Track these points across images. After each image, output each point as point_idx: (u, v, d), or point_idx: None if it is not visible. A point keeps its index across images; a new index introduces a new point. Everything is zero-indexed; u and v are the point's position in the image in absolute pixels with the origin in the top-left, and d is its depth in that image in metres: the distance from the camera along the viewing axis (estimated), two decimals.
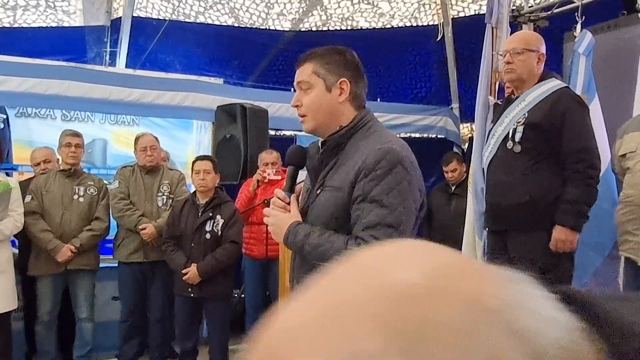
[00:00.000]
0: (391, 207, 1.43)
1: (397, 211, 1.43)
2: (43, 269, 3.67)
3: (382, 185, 1.44)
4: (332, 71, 1.56)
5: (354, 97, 1.58)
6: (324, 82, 1.56)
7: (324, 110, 1.57)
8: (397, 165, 1.45)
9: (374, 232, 1.42)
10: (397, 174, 1.45)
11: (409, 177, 1.47)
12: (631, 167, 2.96)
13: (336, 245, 1.45)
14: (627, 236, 2.96)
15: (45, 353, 3.71)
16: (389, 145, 1.49)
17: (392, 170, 1.45)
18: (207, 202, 3.57)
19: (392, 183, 1.44)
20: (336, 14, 6.57)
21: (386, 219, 1.43)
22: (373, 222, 1.43)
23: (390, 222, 1.43)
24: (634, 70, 3.69)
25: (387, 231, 1.42)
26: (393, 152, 1.47)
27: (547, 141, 2.71)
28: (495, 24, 3.68)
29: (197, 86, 5.25)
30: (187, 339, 3.64)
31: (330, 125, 1.58)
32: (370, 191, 1.45)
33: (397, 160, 1.46)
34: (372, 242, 1.39)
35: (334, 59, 1.58)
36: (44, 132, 4.80)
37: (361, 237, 1.44)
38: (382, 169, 1.45)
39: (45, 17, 5.76)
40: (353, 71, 1.58)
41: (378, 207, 1.44)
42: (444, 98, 6.86)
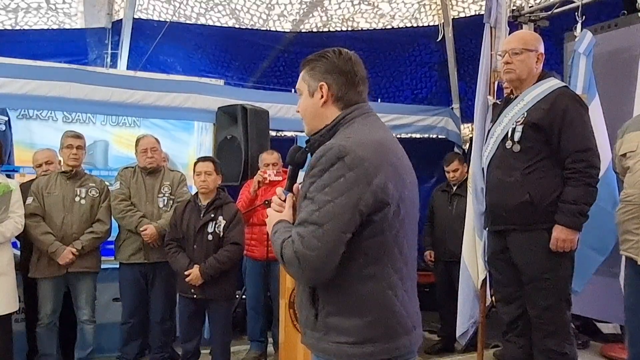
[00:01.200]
0: (320, 203, 1.41)
1: (324, 209, 1.40)
2: (44, 271, 3.67)
3: (318, 182, 1.43)
4: (314, 76, 1.60)
5: (337, 99, 1.59)
6: (308, 88, 1.62)
7: (310, 114, 1.63)
8: (336, 162, 1.42)
9: (300, 229, 1.43)
10: (335, 171, 1.42)
11: (351, 173, 1.41)
12: (631, 166, 2.96)
13: (277, 242, 1.49)
14: (627, 235, 2.95)
15: (47, 355, 3.71)
16: (337, 142, 1.47)
17: (330, 167, 1.42)
18: (209, 203, 3.58)
19: (327, 180, 1.42)
20: (337, 15, 6.58)
21: (311, 216, 1.41)
22: (302, 219, 1.44)
23: (314, 220, 1.40)
24: (634, 69, 3.69)
25: (310, 229, 1.41)
26: (336, 148, 1.44)
27: (547, 141, 2.71)
28: (493, 23, 3.68)
29: (198, 87, 5.26)
30: (189, 340, 3.65)
31: (318, 127, 1.62)
32: (308, 188, 1.46)
33: (337, 157, 1.42)
34: (295, 239, 1.42)
35: (318, 64, 1.61)
36: (46, 134, 4.82)
37: (291, 235, 1.45)
38: (321, 165, 1.44)
39: (46, 20, 5.79)
40: (335, 74, 1.59)
41: (310, 204, 1.43)
42: (444, 98, 6.86)
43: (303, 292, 1.57)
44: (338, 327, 1.48)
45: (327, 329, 1.50)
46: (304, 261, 1.41)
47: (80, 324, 3.79)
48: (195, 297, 3.52)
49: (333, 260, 1.42)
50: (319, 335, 1.52)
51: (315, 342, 1.54)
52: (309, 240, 1.40)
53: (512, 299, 2.93)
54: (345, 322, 1.47)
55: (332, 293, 1.49)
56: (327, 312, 1.50)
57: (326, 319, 1.50)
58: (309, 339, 1.57)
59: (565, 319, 2.75)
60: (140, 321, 3.92)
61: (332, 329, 1.49)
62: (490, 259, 3.07)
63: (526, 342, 2.90)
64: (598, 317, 4.49)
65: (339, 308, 1.48)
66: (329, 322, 1.49)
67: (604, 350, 4.24)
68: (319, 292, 1.51)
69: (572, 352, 2.76)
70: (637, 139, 2.96)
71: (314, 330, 1.53)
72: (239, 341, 4.82)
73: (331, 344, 1.49)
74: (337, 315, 1.48)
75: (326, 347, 1.50)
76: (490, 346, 4.40)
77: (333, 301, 1.49)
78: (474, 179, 3.47)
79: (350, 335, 1.47)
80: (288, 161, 1.68)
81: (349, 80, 1.60)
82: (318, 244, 1.40)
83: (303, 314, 1.58)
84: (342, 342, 1.47)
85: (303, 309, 1.58)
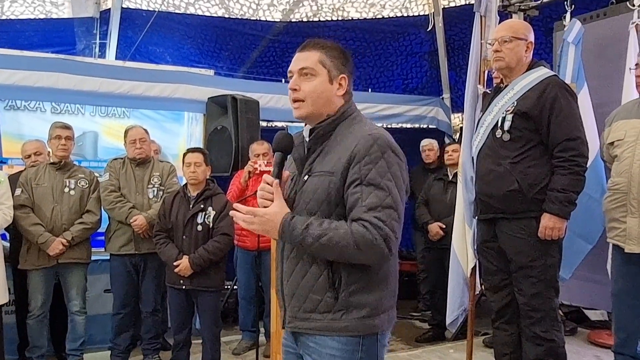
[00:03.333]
0: (388, 189, 1.51)
1: (393, 193, 1.51)
2: (34, 262, 3.65)
3: (377, 169, 1.51)
4: (336, 65, 1.66)
5: (346, 93, 1.69)
6: (328, 74, 1.65)
7: (323, 99, 1.65)
8: (387, 150, 1.54)
9: (377, 213, 1.49)
10: (389, 158, 1.53)
11: (399, 160, 1.56)
12: (619, 154, 2.98)
13: (341, 231, 1.49)
14: (614, 223, 2.98)
15: (38, 347, 3.69)
16: (378, 132, 1.59)
17: (384, 154, 1.53)
18: (198, 194, 3.57)
19: (385, 167, 1.52)
20: (327, 4, 6.55)
21: (385, 200, 1.50)
22: (374, 204, 1.49)
23: (389, 204, 1.50)
24: (622, 58, 3.71)
25: (388, 212, 1.49)
26: (383, 138, 1.56)
27: (536, 129, 2.72)
28: (484, 12, 3.67)
29: (188, 78, 5.23)
30: (180, 330, 3.65)
31: (322, 114, 1.66)
32: (367, 174, 1.52)
33: (387, 146, 1.55)
34: (376, 223, 1.48)
35: (338, 54, 1.68)
36: (34, 125, 4.77)
37: (365, 219, 1.49)
38: (375, 153, 1.52)
39: (33, 9, 5.72)
40: (350, 69, 1.70)
41: (376, 189, 1.50)
42: (435, 88, 6.87)
43: (317, 277, 1.57)
44: (360, 303, 1.56)
45: (348, 307, 1.56)
46: (391, 243, 1.50)
47: (71, 316, 3.78)
48: (184, 288, 3.52)
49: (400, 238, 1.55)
50: (335, 315, 1.56)
51: (330, 324, 1.57)
52: (391, 223, 1.49)
53: (501, 286, 2.96)
54: (368, 297, 1.57)
55: (358, 271, 1.56)
56: (351, 292, 1.56)
57: (350, 298, 1.56)
58: (315, 323, 1.58)
59: (553, 306, 2.78)
60: (131, 312, 3.91)
61: (353, 306, 1.56)
62: (480, 247, 3.09)
63: (515, 329, 2.94)
64: (585, 304, 4.56)
65: (364, 285, 1.57)
66: (351, 300, 1.56)
67: (591, 336, 4.30)
68: (342, 272, 1.56)
69: (559, 339, 2.79)
70: (625, 128, 2.99)
71: (329, 312, 1.56)
72: (231, 331, 4.84)
73: (352, 320, 1.56)
74: (360, 292, 1.56)
75: (345, 325, 1.56)
76: (479, 334, 4.45)
77: (358, 279, 1.56)
78: (464, 168, 3.49)
79: (372, 309, 1.57)
80: (275, 148, 1.68)
81: (353, 79, 1.75)
82: (397, 225, 1.51)
83: (312, 298, 1.58)
84: (361, 317, 1.56)
85: (314, 294, 1.58)
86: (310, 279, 1.59)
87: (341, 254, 1.51)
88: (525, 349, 2.85)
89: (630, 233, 2.87)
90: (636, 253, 2.87)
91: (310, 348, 1.62)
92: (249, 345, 4.37)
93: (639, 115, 2.96)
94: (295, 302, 1.63)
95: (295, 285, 1.62)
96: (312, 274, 1.59)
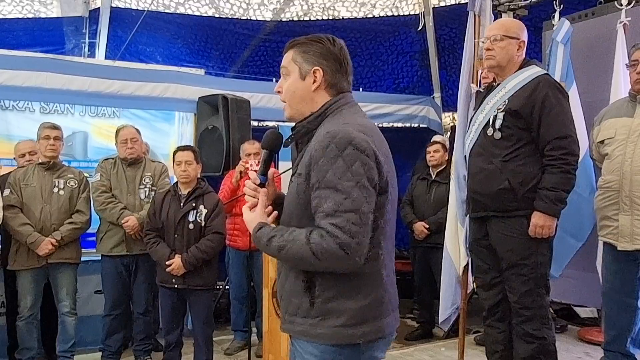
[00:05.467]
0: (346, 191, 1.39)
1: (353, 193, 1.39)
2: (23, 263, 3.62)
3: (335, 170, 1.41)
4: (307, 60, 1.58)
5: (329, 86, 1.59)
6: (300, 70, 1.58)
7: (298, 97, 1.59)
8: (347, 147, 1.42)
9: (334, 219, 1.39)
10: (349, 156, 1.41)
11: (364, 156, 1.42)
12: (610, 153, 3.00)
13: (298, 243, 1.43)
14: (606, 221, 3.00)
15: (27, 349, 3.66)
16: (340, 128, 1.46)
17: (342, 152, 1.41)
18: (190, 192, 3.56)
19: (344, 165, 1.41)
20: (317, 3, 6.56)
21: (343, 204, 1.39)
22: (331, 209, 1.40)
23: (348, 207, 1.39)
24: (610, 57, 3.75)
25: (347, 217, 1.38)
26: (342, 134, 1.43)
27: (527, 128, 2.74)
28: (478, 11, 3.69)
29: (178, 77, 5.20)
30: (172, 330, 3.63)
31: (305, 112, 1.60)
32: (324, 177, 1.42)
33: (347, 142, 1.42)
34: (331, 230, 1.38)
35: (312, 47, 1.58)
36: (23, 125, 4.71)
37: (322, 226, 1.40)
38: (332, 152, 1.42)
39: (21, 8, 5.67)
40: (330, 60, 1.58)
41: (334, 192, 1.40)
42: (425, 87, 6.90)
43: (294, 281, 1.54)
44: (337, 310, 1.48)
45: (325, 314, 1.49)
46: (350, 250, 1.38)
47: (62, 317, 3.75)
48: (177, 287, 3.50)
49: (367, 241, 1.43)
50: (313, 321, 1.50)
51: (309, 329, 1.52)
52: (350, 228, 1.38)
53: (492, 284, 2.98)
54: (344, 304, 1.48)
55: (332, 278, 1.48)
56: (326, 298, 1.49)
57: (326, 304, 1.49)
58: (297, 327, 1.54)
59: (543, 304, 2.80)
60: (122, 313, 3.89)
61: (331, 313, 1.48)
62: (472, 245, 3.10)
63: (506, 327, 2.96)
64: (575, 301, 4.59)
65: (340, 291, 1.48)
66: (328, 307, 1.49)
67: (581, 333, 4.34)
68: (317, 279, 1.49)
69: (550, 336, 2.81)
70: (615, 126, 3.01)
71: (308, 317, 1.51)
72: (223, 331, 4.82)
73: (328, 328, 1.48)
74: (337, 299, 1.48)
75: (322, 332, 1.49)
76: (471, 332, 4.47)
77: (333, 285, 1.48)
78: (457, 167, 3.50)
79: (349, 317, 1.47)
80: (263, 145, 1.67)
81: (342, 68, 1.61)
82: (359, 230, 1.39)
83: (293, 302, 1.55)
84: (339, 325, 1.47)
85: (293, 297, 1.55)
86: (291, 283, 1.56)
87: (305, 264, 1.46)
88: (516, 347, 2.87)
89: (623, 231, 2.90)
90: (628, 251, 2.89)
91: (297, 351, 1.58)
92: (241, 345, 4.36)
93: (628, 113, 2.98)
94: (282, 304, 1.62)
95: (282, 288, 1.61)
96: (292, 277, 1.56)
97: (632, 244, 2.87)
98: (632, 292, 2.97)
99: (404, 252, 5.89)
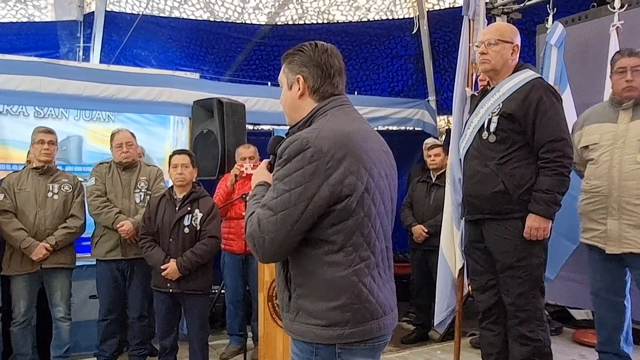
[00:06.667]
0: (278, 192, 1.48)
1: (281, 197, 1.47)
2: (17, 268, 3.61)
3: (280, 172, 1.50)
4: (292, 70, 1.66)
5: (313, 92, 1.64)
6: (287, 81, 1.68)
7: (289, 106, 1.69)
8: (298, 154, 1.47)
9: (260, 210, 1.51)
10: (296, 162, 1.47)
11: (309, 167, 1.46)
12: (595, 158, 3.02)
13: (247, 215, 1.57)
14: (592, 224, 3.03)
15: (22, 355, 3.64)
16: (302, 134, 1.51)
17: (292, 158, 1.48)
18: (185, 196, 3.55)
19: (288, 170, 1.48)
20: (312, 7, 6.56)
21: (270, 202, 1.49)
22: (263, 202, 1.52)
23: (271, 206, 1.48)
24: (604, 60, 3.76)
25: (267, 213, 1.48)
26: (299, 140, 1.48)
27: (521, 131, 2.75)
28: (472, 16, 3.71)
29: (173, 81, 5.19)
30: (167, 335, 3.62)
31: (297, 120, 1.67)
32: (275, 174, 1.53)
33: (300, 149, 1.47)
34: (253, 217, 1.51)
35: (295, 57, 1.66)
36: (17, 130, 4.70)
37: (255, 213, 1.53)
38: (285, 155, 1.50)
39: (15, 12, 5.65)
40: (312, 66, 1.63)
41: (272, 189, 1.52)
42: (420, 91, 6.92)
43: (279, 275, 1.63)
44: (307, 309, 1.54)
45: (298, 310, 1.56)
46: (257, 242, 1.50)
47: (56, 322, 3.73)
48: (172, 292, 3.49)
49: (284, 246, 1.50)
50: (291, 316, 1.58)
51: (289, 323, 1.59)
52: (264, 224, 1.48)
53: (487, 287, 2.99)
54: (313, 305, 1.53)
55: (302, 276, 1.55)
56: (298, 295, 1.56)
57: (298, 300, 1.56)
58: (284, 320, 1.63)
59: (538, 306, 2.81)
60: (117, 318, 3.87)
61: (303, 311, 1.55)
62: (467, 248, 3.11)
63: (502, 329, 2.96)
64: (570, 303, 4.60)
65: (308, 291, 1.54)
66: (300, 304, 1.55)
67: (576, 336, 4.35)
68: (291, 274, 1.57)
69: (545, 338, 2.82)
70: (599, 132, 3.03)
71: (288, 312, 1.60)
72: (218, 336, 4.81)
73: (301, 324, 1.55)
74: (306, 298, 1.54)
75: (297, 328, 1.56)
76: (467, 334, 4.48)
77: (303, 284, 1.55)
78: (452, 170, 3.51)
79: (319, 318, 1.52)
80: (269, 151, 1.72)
81: (325, 73, 1.64)
82: (270, 229, 1.48)
83: (279, 296, 1.65)
84: (311, 324, 1.53)
85: (279, 292, 1.65)
86: (278, 278, 1.65)
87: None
88: (511, 349, 2.88)
89: (611, 235, 2.92)
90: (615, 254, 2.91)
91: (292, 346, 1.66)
92: (237, 350, 4.35)
93: (611, 119, 3.01)
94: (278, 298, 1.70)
95: (277, 282, 1.69)
96: (279, 272, 1.64)
97: (619, 247, 2.89)
98: (619, 291, 3.00)
99: (400, 255, 5.90)
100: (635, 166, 2.85)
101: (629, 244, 2.86)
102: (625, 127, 2.93)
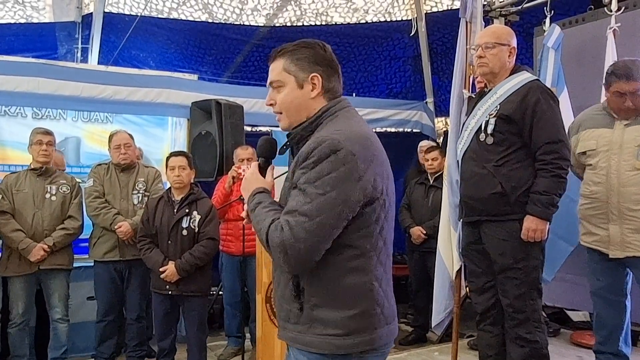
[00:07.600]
0: (311, 196, 1.39)
1: (316, 201, 1.38)
2: (15, 269, 3.60)
3: (310, 174, 1.40)
4: (302, 67, 1.55)
5: (326, 91, 1.57)
6: (295, 79, 1.56)
7: (296, 107, 1.57)
8: (329, 155, 1.40)
9: (289, 217, 1.40)
10: (328, 164, 1.39)
11: (343, 168, 1.39)
12: (594, 164, 3.03)
13: (264, 223, 1.45)
14: (593, 229, 3.03)
15: (19, 356, 3.64)
16: (329, 135, 1.44)
17: (323, 159, 1.40)
18: (183, 198, 3.55)
19: (319, 173, 1.39)
20: (310, 9, 6.57)
21: (302, 207, 1.38)
22: (291, 208, 1.41)
23: (305, 211, 1.38)
24: (601, 63, 3.77)
25: (300, 219, 1.38)
26: (329, 141, 1.41)
27: (519, 133, 2.76)
28: (469, 18, 3.72)
29: (171, 82, 5.19)
30: (165, 337, 3.62)
31: (302, 119, 1.58)
32: (299, 179, 1.43)
33: (331, 150, 1.40)
34: (283, 226, 1.39)
35: (304, 54, 1.56)
36: (15, 131, 4.70)
37: (280, 220, 1.42)
38: (313, 157, 1.41)
39: (13, 14, 5.65)
40: (325, 65, 1.56)
41: (300, 194, 1.41)
42: (418, 92, 6.92)
43: (286, 286, 1.53)
44: (324, 320, 1.46)
45: (312, 321, 1.47)
46: (291, 251, 1.38)
47: (53, 323, 3.73)
48: (170, 294, 3.49)
49: (318, 253, 1.41)
50: (302, 328, 1.49)
51: (298, 336, 1.50)
52: (298, 231, 1.37)
53: (485, 288, 2.99)
54: (332, 314, 1.45)
55: (318, 285, 1.47)
56: (313, 305, 1.47)
57: (312, 311, 1.47)
58: (289, 333, 1.54)
59: (536, 308, 2.81)
60: (115, 319, 3.87)
61: (318, 321, 1.47)
62: (465, 249, 3.11)
63: (499, 330, 2.97)
64: (568, 305, 4.61)
65: (326, 300, 1.46)
66: (315, 314, 1.47)
67: (574, 337, 4.36)
68: (304, 284, 1.49)
69: (543, 340, 2.82)
70: (596, 137, 3.03)
71: (297, 324, 1.50)
72: (216, 337, 4.81)
73: (316, 336, 1.46)
74: (323, 307, 1.46)
75: (311, 340, 1.47)
76: (464, 336, 4.48)
77: (319, 293, 1.47)
78: (450, 171, 3.52)
79: (337, 327, 1.45)
80: (257, 153, 1.67)
81: (335, 72, 1.60)
82: (306, 236, 1.37)
83: (284, 307, 1.55)
84: (328, 335, 1.45)
85: (284, 302, 1.55)
86: (282, 288, 1.55)
87: (263, 245, 1.47)
88: (509, 351, 2.88)
89: (613, 239, 2.92)
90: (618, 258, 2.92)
91: (290, 357, 1.57)
92: (235, 351, 4.35)
93: (606, 124, 3.01)
94: (277, 310, 1.61)
95: (275, 294, 1.61)
96: (283, 283, 1.55)
97: (622, 252, 2.90)
98: (620, 291, 3.01)
99: (398, 257, 5.90)
100: (634, 172, 2.86)
101: (632, 249, 2.87)
102: (620, 133, 2.94)
